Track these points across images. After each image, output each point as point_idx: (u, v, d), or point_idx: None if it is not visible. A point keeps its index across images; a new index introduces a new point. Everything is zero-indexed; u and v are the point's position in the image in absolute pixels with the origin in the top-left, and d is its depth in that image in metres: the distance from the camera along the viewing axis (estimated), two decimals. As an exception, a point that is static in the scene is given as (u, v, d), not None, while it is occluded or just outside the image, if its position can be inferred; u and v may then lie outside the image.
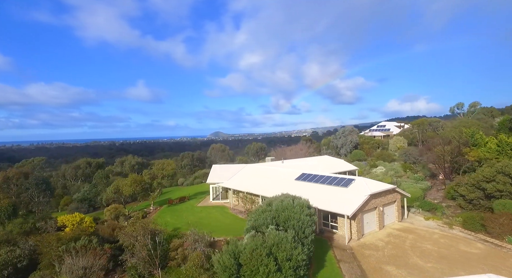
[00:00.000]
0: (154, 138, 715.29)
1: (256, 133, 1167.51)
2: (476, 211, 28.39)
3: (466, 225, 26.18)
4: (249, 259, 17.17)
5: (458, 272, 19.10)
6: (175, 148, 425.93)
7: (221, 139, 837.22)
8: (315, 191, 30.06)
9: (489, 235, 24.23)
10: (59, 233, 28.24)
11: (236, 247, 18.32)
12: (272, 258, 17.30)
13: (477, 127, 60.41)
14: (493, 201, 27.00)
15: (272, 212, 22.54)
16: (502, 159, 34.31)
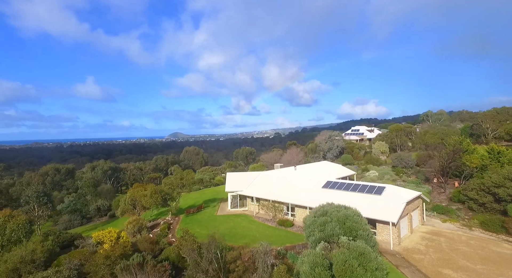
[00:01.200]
0: (107, 139, 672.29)
1: (217, 134, 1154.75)
2: (487, 213, 31.99)
3: (486, 226, 29.43)
4: (343, 271, 17.75)
5: (507, 272, 21.60)
6: (135, 150, 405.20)
7: (181, 140, 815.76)
8: (346, 199, 31.28)
9: (509, 235, 27.59)
10: (99, 250, 26.46)
11: (325, 259, 18.76)
12: (363, 268, 18.06)
13: (446, 133, 67.20)
14: (504, 205, 30.70)
15: (333, 222, 23.31)
16: (495, 165, 38.99)
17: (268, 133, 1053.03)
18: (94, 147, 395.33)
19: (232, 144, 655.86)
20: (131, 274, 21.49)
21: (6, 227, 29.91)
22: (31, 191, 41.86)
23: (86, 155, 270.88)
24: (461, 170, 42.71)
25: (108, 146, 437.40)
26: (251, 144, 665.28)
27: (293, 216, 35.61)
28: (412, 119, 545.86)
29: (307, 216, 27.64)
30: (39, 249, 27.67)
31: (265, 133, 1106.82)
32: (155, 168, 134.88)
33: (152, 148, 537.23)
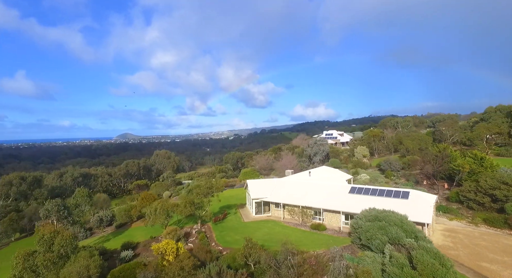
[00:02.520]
0: (43, 140, 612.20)
1: (171, 135, 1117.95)
2: (486, 212, 37.76)
3: (490, 223, 34.89)
4: (429, 270, 20.47)
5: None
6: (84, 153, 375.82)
7: (132, 141, 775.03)
8: (377, 203, 34.52)
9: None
10: (163, 262, 26.34)
11: (406, 260, 21.34)
12: (443, 266, 20.99)
13: (422, 139, 75.54)
14: (501, 204, 36.64)
15: (393, 226, 26.15)
16: (480, 169, 45.75)
17: (225, 135, 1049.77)
18: (31, 149, 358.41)
19: (191, 145, 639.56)
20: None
21: (54, 242, 27.99)
22: (51, 204, 38.71)
23: (25, 159, 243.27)
24: (451, 174, 49.09)
25: (49, 149, 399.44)
26: (211, 146, 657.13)
27: (320, 220, 37.99)
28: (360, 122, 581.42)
29: (353, 220, 30.22)
30: (92, 264, 26.65)
31: (222, 134, 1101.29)
32: (126, 173, 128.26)
33: (103, 150, 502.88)
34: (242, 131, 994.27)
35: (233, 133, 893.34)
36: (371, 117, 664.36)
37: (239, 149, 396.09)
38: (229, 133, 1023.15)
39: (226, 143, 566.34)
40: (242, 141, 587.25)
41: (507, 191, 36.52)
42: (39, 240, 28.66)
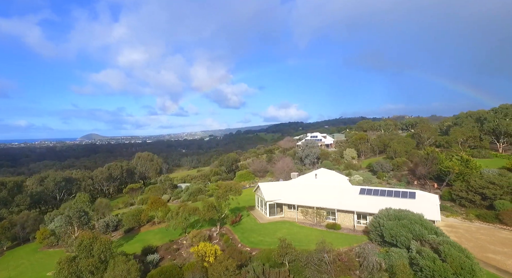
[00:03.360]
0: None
1: (140, 136, 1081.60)
2: (477, 208, 42.36)
3: (483, 218, 39.32)
4: (457, 263, 23.40)
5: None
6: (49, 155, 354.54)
7: (99, 142, 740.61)
8: (388, 203, 37.58)
9: (504, 224, 37.70)
10: (204, 263, 27.54)
11: (437, 253, 24.20)
12: (468, 259, 24.02)
13: (407, 142, 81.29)
14: (490, 201, 41.37)
15: (415, 224, 29.09)
16: (467, 170, 50.85)
17: (199, 135, 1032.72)
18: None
19: (166, 146, 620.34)
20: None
21: (93, 248, 27.95)
22: (73, 210, 37.86)
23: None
24: (439, 174, 53.98)
25: (6, 150, 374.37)
26: (187, 147, 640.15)
27: (334, 220, 40.54)
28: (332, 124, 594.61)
29: (373, 219, 32.96)
30: (132, 268, 27.12)
31: (195, 135, 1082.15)
32: (109, 177, 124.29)
33: (70, 152, 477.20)
34: (215, 132, 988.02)
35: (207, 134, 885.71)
36: (342, 119, 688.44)
37: (217, 150, 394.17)
38: (202, 134, 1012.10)
39: (202, 144, 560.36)
40: (218, 142, 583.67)
41: (495, 190, 41.33)
42: (79, 246, 28.61)
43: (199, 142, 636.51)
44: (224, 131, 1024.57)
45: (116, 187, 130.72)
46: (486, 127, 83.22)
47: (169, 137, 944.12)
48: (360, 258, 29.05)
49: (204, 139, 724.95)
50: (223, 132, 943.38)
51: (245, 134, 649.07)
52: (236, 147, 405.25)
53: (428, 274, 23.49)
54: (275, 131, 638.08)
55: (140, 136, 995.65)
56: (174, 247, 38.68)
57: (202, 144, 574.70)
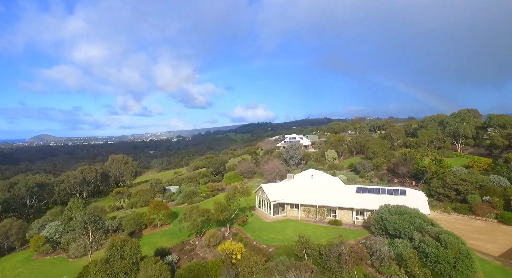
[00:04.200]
0: None
1: (100, 137, 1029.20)
2: (452, 203, 48.70)
3: (459, 211, 45.55)
4: (457, 249, 27.95)
5: (496, 237, 36.50)
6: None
7: (52, 144, 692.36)
8: (383, 200, 42.03)
9: (476, 215, 44.07)
10: (232, 260, 29.84)
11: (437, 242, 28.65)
12: (464, 245, 28.70)
13: (384, 144, 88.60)
14: (463, 196, 47.87)
15: (415, 217, 33.58)
16: (441, 169, 57.70)
17: (164, 136, 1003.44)
18: None
19: (132, 148, 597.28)
20: (291, 272, 26.58)
21: (124, 251, 28.66)
22: (88, 215, 37.36)
23: None
24: (416, 173, 60.54)
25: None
26: (155, 148, 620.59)
27: (334, 216, 44.40)
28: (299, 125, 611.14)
29: (376, 215, 37.13)
30: (164, 268, 28.55)
31: (161, 135, 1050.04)
32: (83, 181, 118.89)
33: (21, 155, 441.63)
34: (182, 133, 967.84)
35: (174, 135, 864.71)
36: (308, 119, 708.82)
37: (188, 151, 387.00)
38: (168, 134, 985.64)
39: (170, 145, 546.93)
40: (187, 143, 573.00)
41: (467, 186, 47.95)
42: (110, 249, 29.23)
43: (167, 142, 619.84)
44: (191, 131, 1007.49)
45: (90, 191, 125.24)
46: (447, 130, 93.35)
47: (132, 138, 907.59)
48: (368, 249, 32.95)
49: (172, 139, 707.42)
50: (190, 133, 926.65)
51: (214, 135, 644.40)
52: (206, 148, 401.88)
53: (433, 259, 27.82)
54: (244, 132, 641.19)
55: (100, 137, 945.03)
56: (187, 247, 39.98)
57: (170, 145, 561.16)
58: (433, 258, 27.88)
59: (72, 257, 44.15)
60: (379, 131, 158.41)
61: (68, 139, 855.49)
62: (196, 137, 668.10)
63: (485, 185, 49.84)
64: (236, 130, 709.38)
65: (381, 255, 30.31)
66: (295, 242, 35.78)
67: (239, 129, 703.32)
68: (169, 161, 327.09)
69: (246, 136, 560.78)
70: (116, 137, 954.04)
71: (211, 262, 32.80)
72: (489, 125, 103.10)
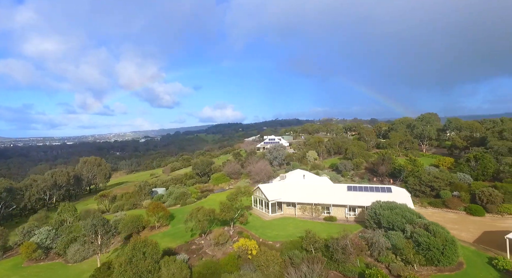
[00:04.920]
0: None
1: (56, 137, 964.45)
2: (427, 198, 54.71)
3: (433, 205, 51.47)
4: (443, 236, 32.55)
5: (467, 226, 42.31)
6: None
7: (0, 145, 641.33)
8: (373, 197, 46.46)
9: (448, 208, 50.17)
10: (247, 256, 32.14)
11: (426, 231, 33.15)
12: (448, 233, 33.42)
13: (361, 146, 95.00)
14: (436, 192, 54.05)
15: (406, 212, 38.05)
16: (416, 168, 64.08)
17: (129, 136, 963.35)
18: None
19: (96, 149, 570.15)
20: (304, 264, 29.67)
21: (145, 251, 29.66)
22: (97, 219, 37.13)
23: None
24: (393, 172, 66.58)
25: None
26: (121, 149, 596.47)
27: (329, 213, 48.12)
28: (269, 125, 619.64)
29: (370, 210, 41.25)
30: (183, 266, 30.27)
31: (125, 135, 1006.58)
32: (54, 185, 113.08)
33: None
34: (148, 133, 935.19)
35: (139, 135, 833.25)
36: (278, 120, 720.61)
37: (159, 152, 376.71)
38: (133, 134, 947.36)
39: (138, 146, 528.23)
40: (156, 144, 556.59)
41: (439, 183, 54.23)
42: (133, 249, 30.02)
43: (134, 143, 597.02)
44: (158, 132, 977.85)
45: (61, 195, 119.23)
46: (415, 132, 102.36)
47: (93, 138, 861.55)
48: (367, 241, 36.81)
49: (139, 140, 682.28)
50: (157, 133, 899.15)
51: (184, 136, 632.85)
52: (177, 149, 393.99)
53: (425, 247, 32.21)
54: (215, 132, 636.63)
55: (55, 138, 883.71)
56: (193, 247, 41.37)
57: (138, 145, 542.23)
58: (425, 246, 32.28)
59: (71, 262, 43.50)
60: (350, 132, 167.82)
61: (18, 140, 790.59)
62: (165, 137, 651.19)
63: (454, 181, 56.62)
64: (206, 130, 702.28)
65: (379, 246, 34.22)
66: (299, 238, 38.93)
67: (210, 130, 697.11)
68: (138, 162, 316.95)
69: (217, 137, 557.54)
70: (74, 137, 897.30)
71: (225, 259, 34.77)
72: (448, 128, 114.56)
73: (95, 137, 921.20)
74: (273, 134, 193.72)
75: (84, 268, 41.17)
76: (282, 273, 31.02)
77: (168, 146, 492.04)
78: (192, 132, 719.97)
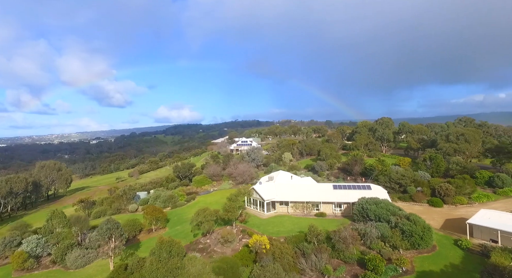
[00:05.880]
0: None
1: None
2: (396, 193, 62.96)
3: (402, 199, 59.67)
4: (421, 224, 39.31)
5: (432, 216, 50.49)
6: None
7: None
8: (356, 194, 52.76)
9: (415, 202, 58.61)
10: (267, 250, 35.79)
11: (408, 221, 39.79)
12: (426, 221, 40.34)
13: (332, 147, 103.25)
14: (404, 187, 62.55)
15: (389, 205, 44.58)
16: (384, 168, 72.67)
17: (75, 137, 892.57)
18: None
19: (40, 151, 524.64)
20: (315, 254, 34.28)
21: (171, 250, 31.64)
22: (112, 223, 37.22)
23: None
24: (364, 171, 74.68)
25: None
26: (71, 152, 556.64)
27: (318, 210, 53.45)
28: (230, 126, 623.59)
29: (358, 206, 47.26)
30: (206, 262, 33.08)
31: (70, 137, 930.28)
32: (10, 192, 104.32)
33: None
34: (97, 134, 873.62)
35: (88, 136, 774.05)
36: (238, 121, 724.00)
37: (117, 154, 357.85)
38: (80, 136, 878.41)
39: (90, 148, 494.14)
40: (110, 145, 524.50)
41: (406, 180, 62.88)
42: (160, 249, 31.82)
43: (84, 145, 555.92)
44: (108, 132, 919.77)
45: (18, 203, 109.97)
46: (376, 135, 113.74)
47: (31, 140, 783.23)
48: (358, 232, 42.49)
49: (90, 141, 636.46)
50: (107, 134, 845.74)
51: (141, 137, 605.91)
52: (135, 151, 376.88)
53: (409, 233, 38.75)
54: (174, 133, 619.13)
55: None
56: (200, 246, 43.69)
57: (89, 147, 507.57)
58: (409, 233, 38.83)
59: (73, 268, 42.97)
60: (315, 134, 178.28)
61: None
62: (120, 139, 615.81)
63: (417, 179, 65.82)
64: (165, 131, 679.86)
65: (371, 236, 40.08)
66: (298, 232, 43.53)
67: (168, 131, 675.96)
68: (93, 165, 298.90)
69: (177, 138, 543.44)
70: (6, 139, 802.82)
71: (239, 254, 37.97)
72: (402, 131, 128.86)
73: (33, 138, 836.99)
74: (238, 136, 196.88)
75: (90, 273, 41.11)
76: (295, 263, 35.16)
77: (124, 147, 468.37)
78: (149, 134, 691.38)
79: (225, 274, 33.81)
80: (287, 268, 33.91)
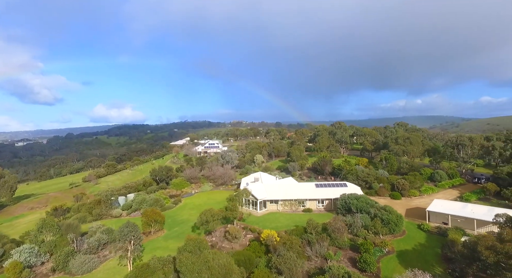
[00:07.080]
0: None
1: None
2: (363, 189, 72.89)
3: (369, 194, 69.71)
4: (394, 213, 48.28)
5: (395, 207, 60.88)
6: None
7: None
8: (335, 191, 60.76)
9: (379, 196, 68.97)
10: (278, 242, 40.76)
11: (385, 211, 48.59)
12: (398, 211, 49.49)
13: (300, 149, 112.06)
14: (369, 184, 72.87)
15: (368, 200, 53.09)
16: (350, 167, 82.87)
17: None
18: None
19: None
20: (318, 243, 40.69)
21: (200, 246, 35.13)
22: (130, 227, 38.23)
23: None
24: (333, 171, 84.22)
25: None
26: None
27: (304, 206, 60.20)
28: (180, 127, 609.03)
29: (341, 201, 55.06)
30: (227, 256, 37.27)
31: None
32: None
33: None
34: (19, 134, 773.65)
35: (8, 137, 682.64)
36: (188, 122, 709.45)
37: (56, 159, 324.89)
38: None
39: (17, 151, 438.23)
40: (43, 148, 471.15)
41: (371, 178, 73.40)
42: (187, 245, 34.94)
43: (9, 148, 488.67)
44: (34, 133, 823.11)
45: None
46: (336, 138, 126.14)
47: None
48: (345, 223, 50.00)
49: (16, 143, 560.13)
50: (33, 134, 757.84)
51: (80, 138, 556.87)
52: (74, 153, 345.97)
53: (386, 221, 47.38)
54: (118, 134, 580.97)
55: None
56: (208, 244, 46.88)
57: (16, 150, 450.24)
58: (386, 221, 47.47)
59: (79, 273, 42.85)
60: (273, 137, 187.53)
61: None
62: (54, 140, 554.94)
63: (378, 176, 76.96)
64: (107, 132, 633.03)
65: (357, 225, 47.85)
66: (295, 226, 49.56)
67: (111, 131, 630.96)
68: (25, 171, 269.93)
69: (122, 140, 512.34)
70: None
71: (251, 247, 42.43)
72: (355, 134, 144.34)
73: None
74: (199, 138, 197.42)
75: (100, 277, 41.48)
76: (303, 251, 40.91)
77: (61, 150, 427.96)
78: (89, 134, 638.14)
79: (245, 265, 38.10)
80: (297, 256, 39.44)
